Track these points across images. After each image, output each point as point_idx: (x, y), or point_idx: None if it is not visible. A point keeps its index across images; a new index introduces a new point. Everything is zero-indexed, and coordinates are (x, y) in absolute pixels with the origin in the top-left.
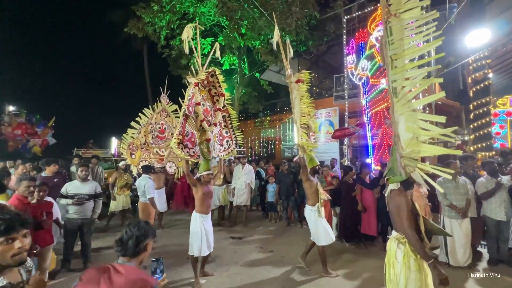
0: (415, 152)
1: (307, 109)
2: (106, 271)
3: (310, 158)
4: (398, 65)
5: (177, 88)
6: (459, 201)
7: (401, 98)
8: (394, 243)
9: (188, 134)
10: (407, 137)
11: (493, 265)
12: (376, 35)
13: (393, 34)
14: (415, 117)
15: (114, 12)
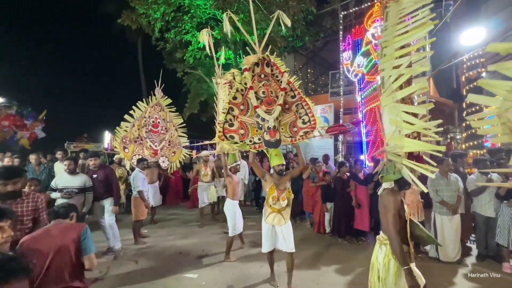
0: (398, 147)
1: (227, 105)
2: (44, 231)
3: (272, 155)
4: (387, 52)
5: (171, 81)
6: (450, 198)
7: (387, 89)
8: (378, 244)
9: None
10: (390, 130)
11: (481, 260)
12: (372, 32)
13: (388, 20)
14: (398, 109)
15: (108, 3)
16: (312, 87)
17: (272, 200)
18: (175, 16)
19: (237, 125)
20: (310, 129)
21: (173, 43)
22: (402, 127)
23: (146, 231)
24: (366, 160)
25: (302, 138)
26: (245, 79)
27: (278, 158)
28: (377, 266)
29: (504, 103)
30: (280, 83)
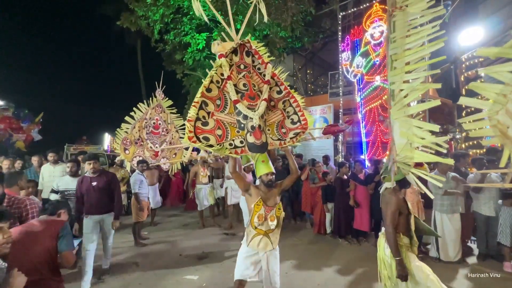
0: (408, 158)
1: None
2: (27, 225)
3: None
4: (397, 66)
5: (171, 83)
6: (448, 196)
7: (398, 102)
8: (383, 239)
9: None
10: (401, 142)
11: (482, 260)
12: (371, 32)
13: (396, 30)
14: (410, 124)
15: (107, 5)
16: (312, 88)
17: (258, 219)
18: (174, 18)
19: (213, 124)
20: (301, 130)
21: (172, 44)
22: (414, 140)
23: (146, 232)
24: (366, 160)
25: (292, 140)
26: (221, 69)
27: (266, 166)
28: (386, 260)
29: (494, 105)
30: (263, 76)
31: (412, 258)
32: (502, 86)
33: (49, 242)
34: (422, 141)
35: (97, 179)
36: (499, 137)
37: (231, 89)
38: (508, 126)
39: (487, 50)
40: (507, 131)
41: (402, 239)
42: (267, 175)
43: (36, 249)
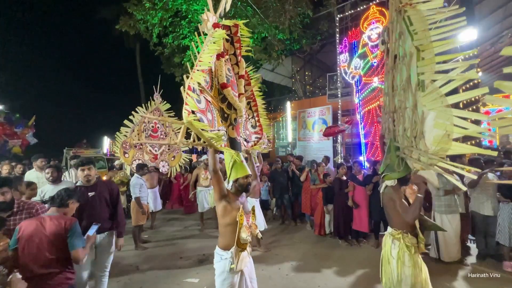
0: (443, 150)
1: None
2: (39, 219)
3: (233, 162)
4: (426, 56)
5: (170, 86)
6: (446, 197)
7: (431, 92)
8: (389, 239)
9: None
10: (436, 133)
11: (482, 260)
12: (368, 34)
13: (413, 24)
14: (449, 113)
15: (106, 8)
16: (310, 90)
17: (246, 233)
18: (172, 21)
19: (204, 105)
20: (259, 135)
21: (171, 48)
22: (453, 131)
23: (147, 236)
24: (365, 161)
25: (254, 144)
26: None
27: (244, 167)
28: (391, 260)
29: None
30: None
31: (416, 265)
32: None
33: (59, 239)
34: (464, 131)
35: (93, 190)
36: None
37: (221, 69)
38: None
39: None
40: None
41: (409, 239)
42: (246, 177)
43: (46, 246)
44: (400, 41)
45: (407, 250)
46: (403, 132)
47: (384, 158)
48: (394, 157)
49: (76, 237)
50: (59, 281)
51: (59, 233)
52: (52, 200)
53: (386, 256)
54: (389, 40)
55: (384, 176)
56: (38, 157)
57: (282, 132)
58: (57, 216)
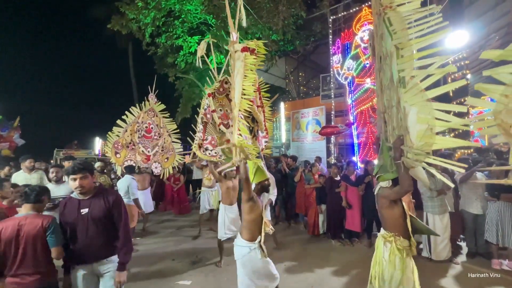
0: (428, 145)
1: (252, 88)
2: (15, 220)
3: (257, 167)
4: (405, 54)
5: (163, 87)
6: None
7: (412, 88)
8: (381, 241)
9: (208, 138)
10: (419, 128)
11: (472, 258)
12: (361, 35)
13: (393, 24)
14: (430, 107)
15: (98, 8)
16: (304, 90)
17: (267, 226)
18: (165, 21)
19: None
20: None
21: (164, 48)
22: (435, 124)
23: (139, 238)
24: (358, 161)
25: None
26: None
27: (264, 172)
28: (383, 263)
29: (498, 105)
30: None
31: (407, 269)
32: (504, 87)
33: (39, 238)
34: (446, 124)
35: (89, 204)
36: (503, 135)
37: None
38: (510, 125)
39: (491, 52)
40: (510, 129)
41: (401, 242)
42: (267, 180)
43: (26, 247)
44: (382, 42)
45: (398, 254)
46: (392, 131)
47: (378, 159)
48: (387, 158)
49: (55, 234)
50: (43, 279)
51: (37, 233)
52: (25, 196)
53: (378, 259)
54: (374, 43)
55: (379, 177)
56: (27, 158)
57: (276, 133)
58: (33, 215)
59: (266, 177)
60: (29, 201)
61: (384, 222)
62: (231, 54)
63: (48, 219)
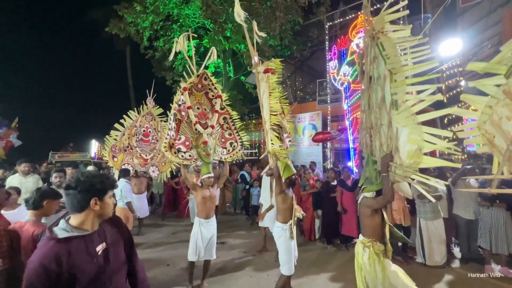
0: (416, 164)
1: (278, 105)
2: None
3: (285, 165)
4: (398, 79)
5: (160, 90)
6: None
7: (404, 111)
8: (361, 247)
9: (181, 138)
10: (409, 148)
11: (465, 263)
12: (357, 42)
13: (386, 49)
14: (420, 130)
15: (96, 10)
16: (301, 95)
17: (298, 212)
18: (164, 25)
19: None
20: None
21: (162, 51)
22: (424, 145)
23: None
24: (354, 166)
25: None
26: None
27: (291, 169)
28: (365, 267)
29: (482, 116)
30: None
31: (387, 264)
32: (488, 98)
33: (29, 248)
34: (433, 146)
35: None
36: (487, 145)
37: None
38: (494, 135)
39: (476, 65)
40: (494, 140)
41: (378, 246)
42: (294, 175)
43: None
44: (374, 64)
45: (376, 258)
46: (379, 146)
47: (363, 171)
48: (372, 170)
49: None
50: None
51: (27, 242)
52: (26, 204)
53: (359, 263)
54: (364, 63)
55: (364, 188)
56: (22, 161)
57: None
58: (31, 223)
59: (293, 172)
60: (29, 207)
61: (364, 229)
62: (256, 75)
63: (39, 229)
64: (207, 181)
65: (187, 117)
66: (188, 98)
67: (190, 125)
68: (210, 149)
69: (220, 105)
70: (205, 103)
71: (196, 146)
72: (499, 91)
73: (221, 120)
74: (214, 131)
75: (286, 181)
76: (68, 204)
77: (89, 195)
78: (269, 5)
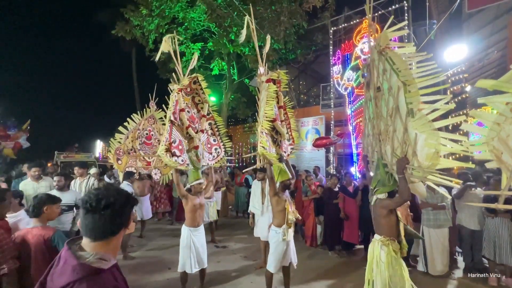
0: (434, 165)
1: (272, 112)
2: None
3: (280, 170)
4: (411, 89)
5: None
6: (434, 211)
7: (420, 119)
8: (378, 245)
9: (176, 141)
10: (427, 151)
11: (468, 273)
12: (361, 47)
13: (396, 63)
14: (437, 135)
15: (103, 12)
16: (304, 99)
17: (292, 215)
18: (169, 28)
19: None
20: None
21: (166, 53)
22: (441, 149)
23: (135, 245)
24: (357, 171)
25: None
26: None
27: (286, 173)
28: (381, 265)
29: (490, 132)
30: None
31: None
32: (497, 115)
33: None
34: (449, 149)
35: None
36: (496, 161)
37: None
38: (502, 152)
39: (486, 82)
40: (502, 156)
41: (395, 245)
42: (288, 180)
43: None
44: (384, 76)
45: (394, 255)
46: (391, 151)
47: (374, 174)
48: (383, 173)
49: (63, 241)
50: None
51: (40, 246)
52: (27, 212)
53: (376, 261)
54: (370, 75)
55: (376, 190)
56: (31, 166)
57: None
58: (38, 228)
59: (288, 177)
60: (30, 215)
61: (381, 229)
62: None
63: (49, 232)
64: (197, 187)
65: (179, 119)
66: (182, 100)
67: (181, 128)
68: (200, 154)
69: (208, 110)
70: (192, 107)
71: (188, 151)
72: (507, 108)
73: (206, 125)
74: (202, 136)
75: (280, 185)
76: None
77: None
78: (274, 9)
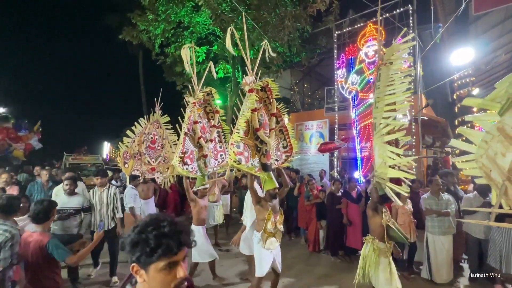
0: (383, 174)
1: (244, 124)
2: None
3: (265, 179)
4: (379, 106)
5: (171, 94)
6: (439, 217)
7: (378, 132)
8: (366, 242)
9: (188, 152)
10: (378, 161)
11: (474, 282)
12: (365, 51)
13: (380, 80)
14: (385, 148)
15: (110, 16)
16: (309, 102)
17: (271, 225)
18: (175, 32)
19: (242, 147)
20: (290, 153)
21: (172, 57)
22: (387, 160)
23: None
24: (360, 176)
25: (285, 161)
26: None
27: (272, 182)
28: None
29: (479, 150)
30: (269, 109)
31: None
32: (484, 133)
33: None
34: (393, 161)
35: None
36: (485, 178)
37: (255, 119)
38: (490, 169)
39: (472, 100)
40: (490, 173)
41: (378, 244)
42: (274, 189)
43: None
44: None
45: (373, 252)
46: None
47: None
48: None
49: (58, 249)
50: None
51: (36, 250)
52: (33, 220)
53: (363, 254)
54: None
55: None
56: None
57: None
58: (37, 233)
59: (275, 186)
60: (38, 221)
61: (370, 228)
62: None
63: (45, 239)
64: (203, 192)
65: (191, 130)
66: (196, 113)
67: (193, 138)
68: (208, 162)
69: (218, 120)
70: (204, 117)
71: (197, 159)
72: (493, 127)
73: (215, 134)
74: (211, 145)
75: (266, 194)
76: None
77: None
78: (278, 13)
